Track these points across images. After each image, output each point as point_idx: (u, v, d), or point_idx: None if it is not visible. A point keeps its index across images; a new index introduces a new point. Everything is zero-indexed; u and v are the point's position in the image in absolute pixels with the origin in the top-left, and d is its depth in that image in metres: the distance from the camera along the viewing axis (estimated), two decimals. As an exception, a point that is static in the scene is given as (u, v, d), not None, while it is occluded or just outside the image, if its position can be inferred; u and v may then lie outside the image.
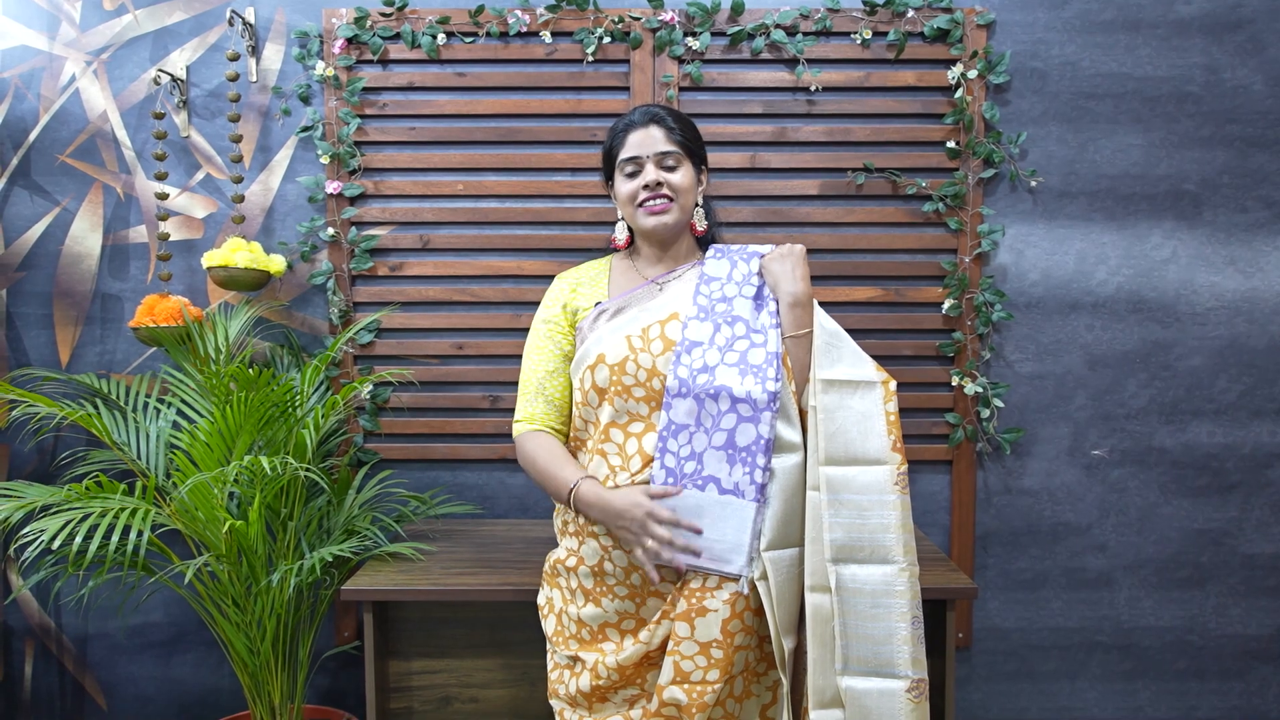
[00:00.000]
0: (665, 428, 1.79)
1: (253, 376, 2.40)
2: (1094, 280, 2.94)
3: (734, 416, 1.77)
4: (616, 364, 1.83)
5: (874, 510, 1.75)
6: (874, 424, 1.78)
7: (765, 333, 1.83)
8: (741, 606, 1.76)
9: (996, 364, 2.95)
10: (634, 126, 1.90)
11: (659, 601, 1.83)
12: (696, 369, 1.79)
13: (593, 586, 1.86)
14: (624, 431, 1.83)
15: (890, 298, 2.92)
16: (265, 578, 2.49)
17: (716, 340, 1.82)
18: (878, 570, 1.74)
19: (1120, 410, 2.96)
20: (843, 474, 1.76)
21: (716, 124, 2.89)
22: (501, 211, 2.93)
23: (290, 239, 2.94)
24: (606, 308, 1.90)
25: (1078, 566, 2.99)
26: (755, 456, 1.75)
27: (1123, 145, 2.91)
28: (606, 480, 1.84)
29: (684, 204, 1.91)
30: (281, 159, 2.93)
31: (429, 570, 2.43)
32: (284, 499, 2.59)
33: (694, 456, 1.78)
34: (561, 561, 1.93)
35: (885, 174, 2.90)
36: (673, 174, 1.90)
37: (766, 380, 1.77)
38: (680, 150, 1.90)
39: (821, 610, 1.75)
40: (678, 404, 1.79)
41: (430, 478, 2.99)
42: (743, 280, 1.89)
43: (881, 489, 1.76)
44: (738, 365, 1.79)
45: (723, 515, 1.76)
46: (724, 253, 1.96)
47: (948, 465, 2.97)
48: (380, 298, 2.94)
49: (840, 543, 1.74)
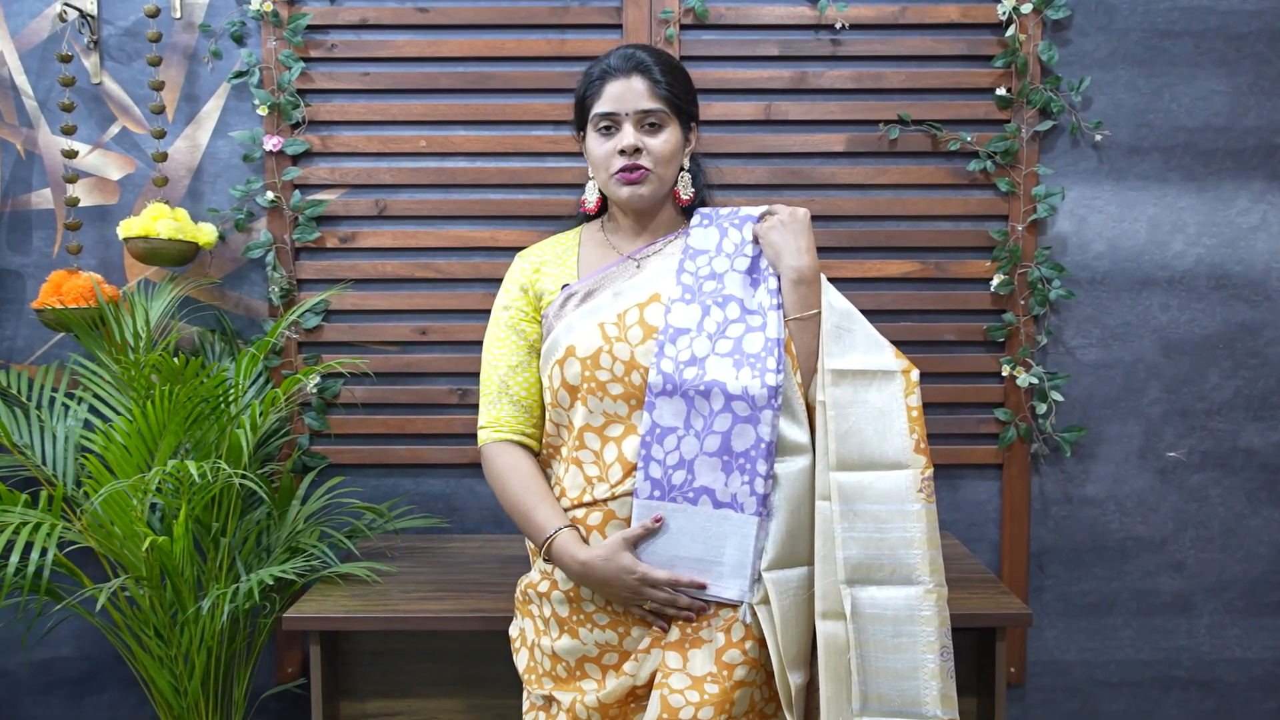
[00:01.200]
0: (649, 431, 1.79)
1: (178, 367, 2.41)
2: (1169, 252, 2.95)
3: (729, 416, 1.76)
4: (589, 357, 1.83)
5: (894, 522, 1.75)
6: (893, 421, 1.79)
7: (764, 314, 1.82)
8: (741, 635, 1.77)
9: (1055, 351, 2.96)
10: (612, 74, 1.87)
11: (645, 631, 1.83)
12: (683, 361, 1.78)
13: (568, 615, 1.87)
14: (601, 436, 1.83)
15: (929, 273, 2.93)
16: (194, 604, 2.49)
17: (705, 326, 1.81)
18: (900, 593, 1.75)
19: (1200, 405, 2.97)
20: (857, 480, 1.76)
21: (724, 68, 2.89)
22: (472, 172, 2.93)
23: (222, 205, 2.94)
24: (575, 290, 1.90)
25: (1151, 589, 3.01)
26: (755, 463, 1.75)
27: (1204, 92, 2.91)
28: (584, 494, 1.85)
29: (665, 174, 1.89)
30: (211, 110, 2.94)
31: (387, 594, 2.44)
32: (216, 511, 2.60)
33: (683, 465, 1.78)
34: (534, 586, 1.93)
35: (923, 127, 2.91)
36: (655, 137, 1.87)
37: (766, 372, 1.76)
38: (666, 108, 1.87)
39: (835, 641, 1.75)
40: (662, 403, 1.78)
41: (388, 486, 3.00)
42: (734, 251, 1.88)
43: (903, 497, 1.76)
44: (731, 355, 1.78)
45: (719, 533, 1.77)
46: (711, 219, 1.94)
47: (997, 470, 2.98)
48: (329, 274, 2.94)
49: (856, 561, 1.75)
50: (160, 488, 2.48)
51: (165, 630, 2.54)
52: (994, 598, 2.39)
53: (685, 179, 1.96)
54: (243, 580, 2.48)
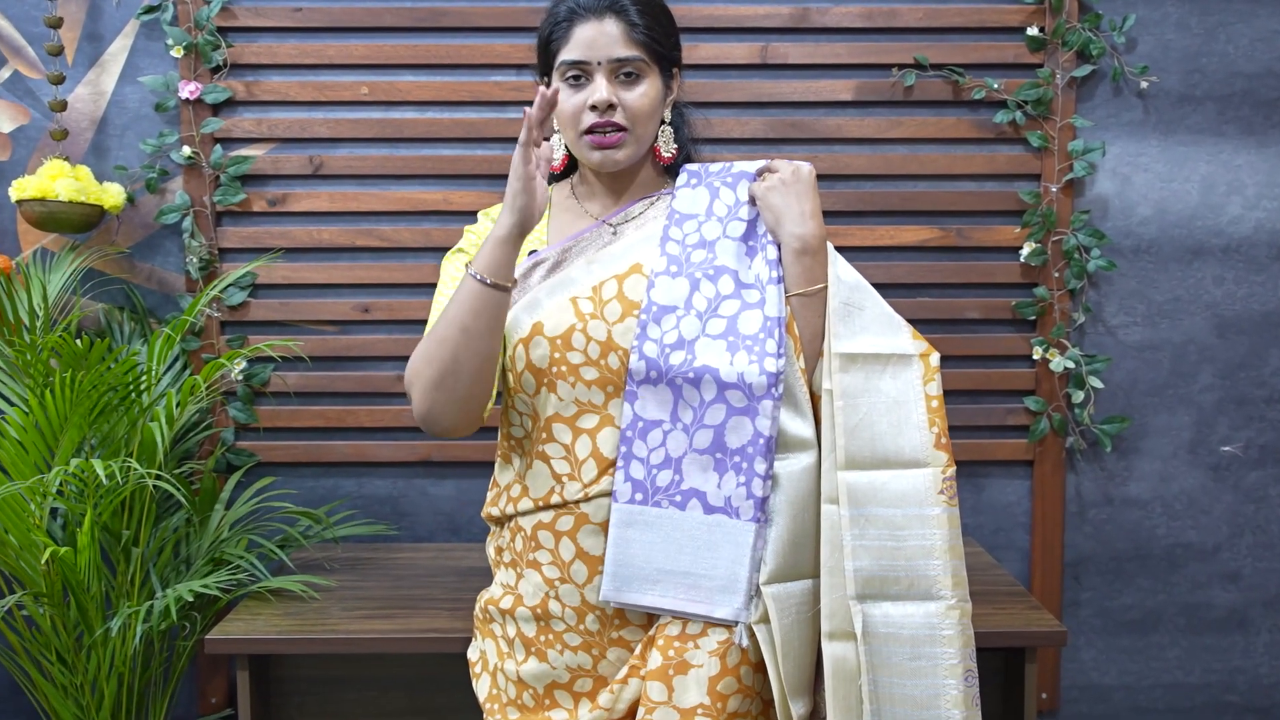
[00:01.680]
0: (630, 425, 1.78)
1: (81, 350, 2.40)
2: (1225, 216, 2.98)
3: (722, 408, 1.77)
4: (559, 336, 1.83)
5: (912, 528, 1.76)
6: (910, 412, 1.79)
7: (761, 289, 1.81)
8: (736, 660, 1.78)
9: (1093, 330, 2.99)
10: (581, 14, 1.84)
11: (623, 653, 1.84)
12: (669, 344, 1.78)
13: (535, 635, 1.88)
14: (572, 428, 1.84)
15: (951, 241, 2.95)
16: (101, 624, 2.50)
17: (695, 303, 1.80)
18: (918, 609, 1.76)
19: (1259, 392, 3.01)
20: (870, 480, 1.77)
21: (714, 3, 2.90)
22: (422, 124, 2.93)
23: (131, 162, 2.93)
24: (544, 258, 1.89)
25: (1202, 602, 3.05)
26: (753, 461, 1.75)
27: (1265, 32, 2.94)
28: (551, 494, 1.85)
29: (643, 133, 1.88)
30: (117, 52, 2.92)
31: (326, 612, 2.45)
32: (126, 517, 2.60)
33: (670, 463, 1.78)
34: (495, 602, 1.94)
35: (943, 72, 2.92)
36: (632, 90, 1.84)
37: (765, 357, 1.75)
38: (645, 55, 1.85)
39: (845, 665, 1.77)
40: (646, 393, 1.78)
41: (327, 487, 3.00)
42: (727, 214, 1.87)
43: (921, 499, 1.77)
44: (725, 336, 1.78)
45: (710, 542, 1.77)
46: (700, 177, 1.92)
47: (1027, 467, 3.01)
48: (256, 242, 2.94)
49: (868, 573, 1.75)
50: (62, 490, 2.47)
51: (69, 654, 2.54)
52: (1023, 613, 2.41)
53: (667, 134, 1.94)
54: (158, 597, 2.49)
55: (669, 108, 1.95)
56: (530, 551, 1.87)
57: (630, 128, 1.84)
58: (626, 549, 1.79)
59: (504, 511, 1.92)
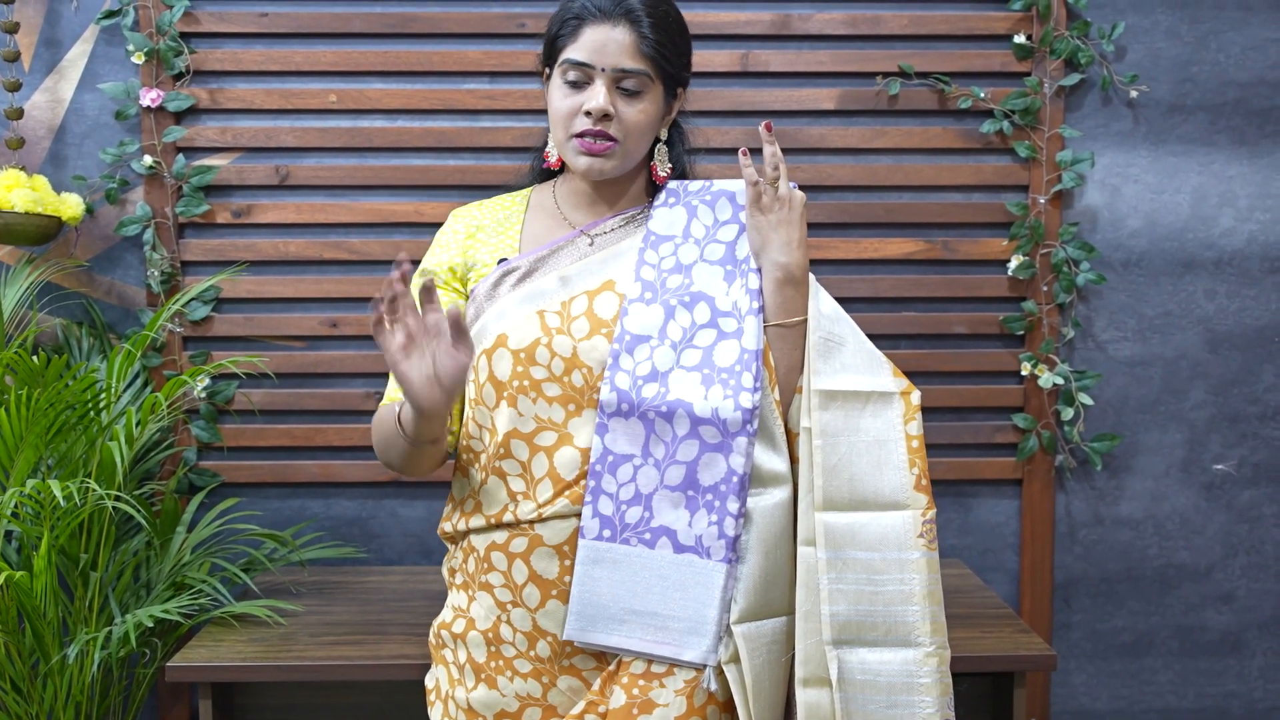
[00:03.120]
0: (599, 459, 1.78)
1: (38, 367, 2.39)
2: (1217, 228, 3.00)
3: (695, 444, 1.76)
4: (523, 349, 1.82)
5: (890, 573, 1.76)
6: (891, 453, 1.79)
7: (739, 318, 1.80)
8: (703, 701, 1.77)
9: (1083, 345, 3.01)
10: (594, 16, 1.83)
11: (574, 682, 1.84)
12: (641, 376, 1.77)
13: (486, 660, 1.87)
14: (529, 444, 1.83)
15: (936, 253, 2.96)
16: (58, 651, 2.48)
17: (669, 332, 1.80)
18: (895, 656, 1.76)
19: (1252, 409, 3.03)
20: (848, 522, 1.77)
21: (694, 9, 2.91)
22: (391, 133, 2.93)
23: (90, 171, 2.93)
24: (515, 267, 1.88)
25: (1195, 624, 3.06)
26: (726, 499, 1.75)
27: (1257, 40, 2.97)
28: (504, 511, 1.84)
29: (634, 148, 1.87)
30: (76, 57, 2.92)
31: (292, 638, 2.44)
32: (84, 540, 2.59)
33: (640, 499, 1.77)
34: (447, 626, 1.94)
35: (929, 80, 2.94)
36: (631, 104, 1.84)
37: (741, 391, 1.75)
38: (651, 71, 1.83)
39: (819, 711, 1.76)
40: (616, 426, 1.77)
41: (294, 509, 3.00)
42: (705, 236, 1.86)
43: (900, 543, 1.77)
44: (700, 369, 1.78)
45: (680, 582, 1.77)
46: (678, 196, 1.92)
47: (1016, 486, 3.03)
48: (220, 255, 2.94)
49: (845, 618, 1.75)
50: (17, 512, 2.47)
51: (24, 683, 2.53)
52: (1012, 636, 2.42)
53: (663, 152, 1.95)
54: (117, 622, 2.48)
55: (667, 125, 1.94)
56: (482, 573, 1.87)
57: (622, 141, 1.84)
58: (592, 587, 1.78)
59: (456, 528, 1.92)
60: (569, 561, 1.80)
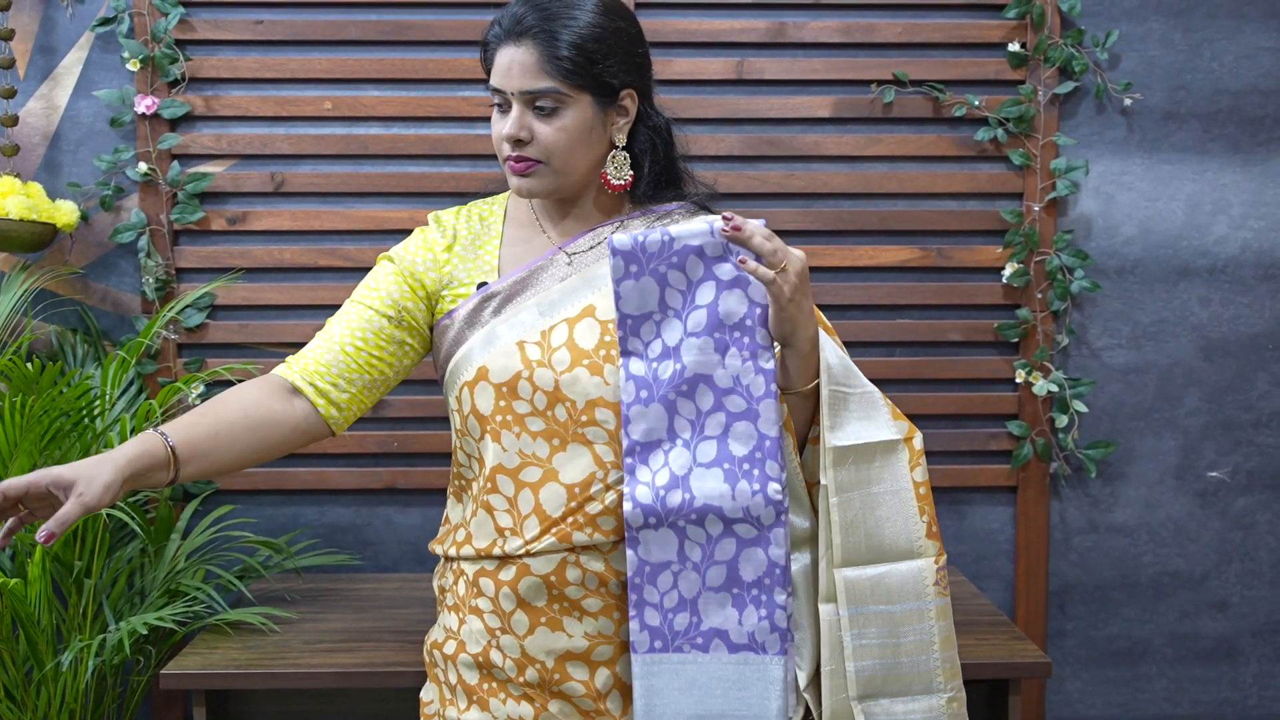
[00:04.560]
0: (636, 571, 1.73)
1: (33, 374, 2.39)
2: (1211, 236, 3.01)
3: (732, 541, 1.71)
4: (505, 384, 1.78)
5: (910, 624, 1.76)
6: (902, 503, 1.77)
7: (746, 396, 1.70)
8: None
9: (1077, 353, 3.01)
10: (501, 39, 1.77)
11: (566, 706, 1.82)
12: (662, 486, 1.71)
13: (477, 683, 1.86)
14: (515, 480, 1.80)
15: (930, 261, 2.97)
16: (52, 659, 2.48)
17: (677, 429, 1.72)
18: (919, 704, 1.76)
19: (1246, 416, 3.03)
20: (869, 577, 1.75)
21: (689, 17, 2.92)
22: (386, 140, 2.94)
23: (85, 178, 2.93)
24: (495, 292, 1.82)
25: (1189, 632, 3.06)
26: (772, 592, 1.71)
27: (1250, 49, 2.97)
28: (494, 545, 1.82)
29: (564, 165, 1.79)
30: (71, 64, 2.92)
31: (287, 645, 2.44)
32: (78, 548, 2.58)
33: (685, 605, 1.73)
34: (439, 647, 1.92)
35: (923, 88, 2.95)
36: (548, 123, 1.76)
37: (769, 483, 1.69)
38: (563, 87, 1.75)
39: None
40: (647, 537, 1.72)
41: (288, 516, 2.99)
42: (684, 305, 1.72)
43: (919, 593, 1.76)
44: (719, 464, 1.71)
45: (740, 681, 1.74)
46: (640, 264, 1.72)
47: (1010, 493, 3.03)
48: (215, 262, 2.94)
49: (870, 673, 1.75)
50: (11, 519, 2.46)
51: (18, 691, 2.52)
52: (1007, 644, 2.42)
53: (620, 159, 1.85)
54: (111, 630, 2.47)
55: (622, 131, 1.85)
56: (472, 597, 1.85)
57: (546, 160, 1.77)
58: (653, 700, 1.75)
59: (448, 553, 1.90)
60: (556, 591, 1.78)
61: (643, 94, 1.86)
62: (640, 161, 1.88)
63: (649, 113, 1.88)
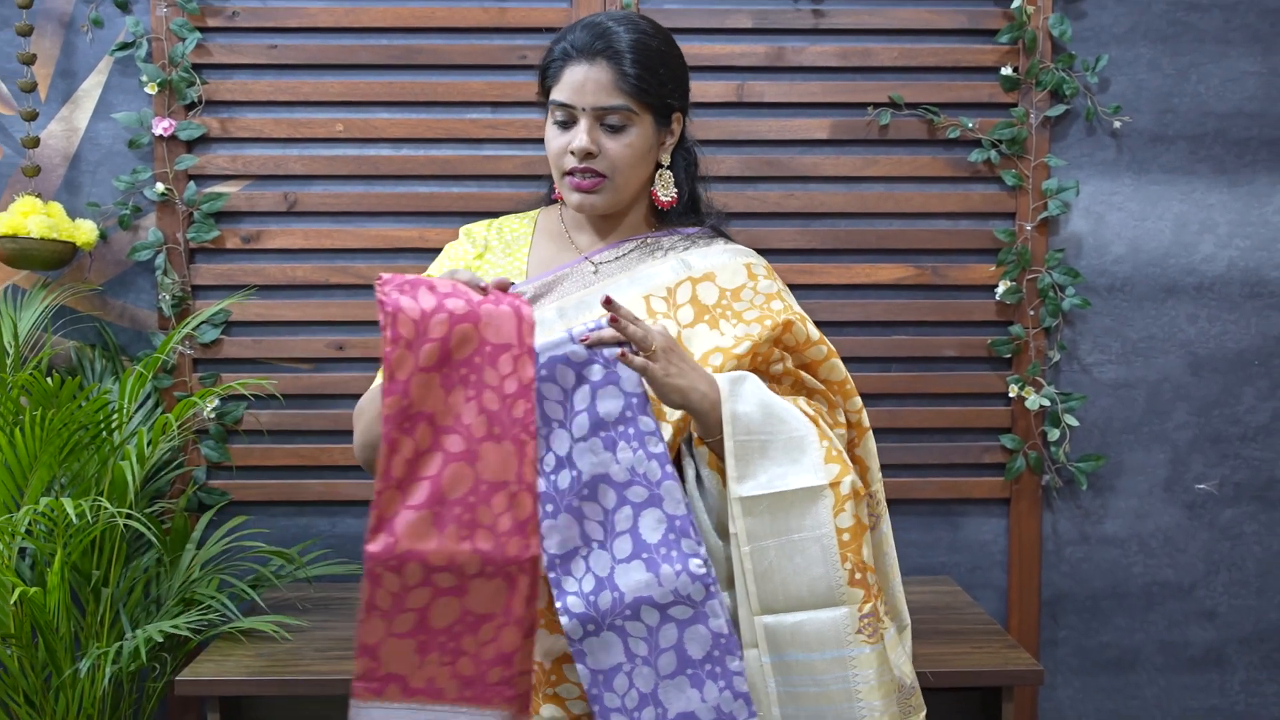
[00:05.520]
0: (591, 682, 1.67)
1: (52, 388, 2.40)
2: (1198, 255, 3.01)
3: (673, 626, 1.66)
4: None
5: (832, 671, 1.68)
6: (824, 549, 1.69)
7: (645, 483, 1.66)
8: None
9: (1069, 368, 3.02)
10: (573, 56, 1.81)
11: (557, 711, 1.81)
12: (589, 592, 1.66)
13: None
14: None
15: (925, 279, 2.97)
16: (70, 665, 2.48)
17: (590, 533, 1.68)
18: None
19: (1233, 429, 3.04)
20: (787, 625, 1.69)
21: (691, 42, 2.92)
22: (396, 161, 2.95)
23: (104, 198, 2.94)
24: (520, 292, 1.87)
25: (1179, 640, 3.07)
26: (724, 661, 1.65)
27: (1235, 73, 2.98)
28: None
29: (625, 181, 1.84)
30: (91, 88, 2.93)
31: (299, 653, 2.44)
32: (96, 557, 2.59)
33: (647, 700, 1.68)
34: None
35: (918, 111, 2.96)
36: (616, 140, 1.81)
37: (689, 559, 1.64)
38: (633, 105, 1.80)
39: None
40: (591, 646, 1.67)
41: (300, 526, 3.00)
42: (565, 415, 1.68)
43: (840, 640, 1.68)
44: (636, 556, 1.66)
45: None
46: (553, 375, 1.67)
47: (1004, 505, 3.03)
48: (230, 279, 2.95)
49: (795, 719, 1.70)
50: (31, 529, 2.47)
51: (37, 696, 2.52)
52: (1000, 652, 2.42)
53: (666, 177, 1.91)
54: (128, 637, 2.48)
55: (668, 152, 1.90)
56: None
57: (610, 175, 1.81)
58: None
59: None
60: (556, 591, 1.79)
61: (686, 118, 1.92)
62: (680, 182, 1.93)
63: (685, 136, 1.94)
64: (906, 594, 1.94)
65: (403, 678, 1.53)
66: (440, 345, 1.54)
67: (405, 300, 1.56)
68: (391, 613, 1.49)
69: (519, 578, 1.52)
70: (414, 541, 1.48)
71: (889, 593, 1.92)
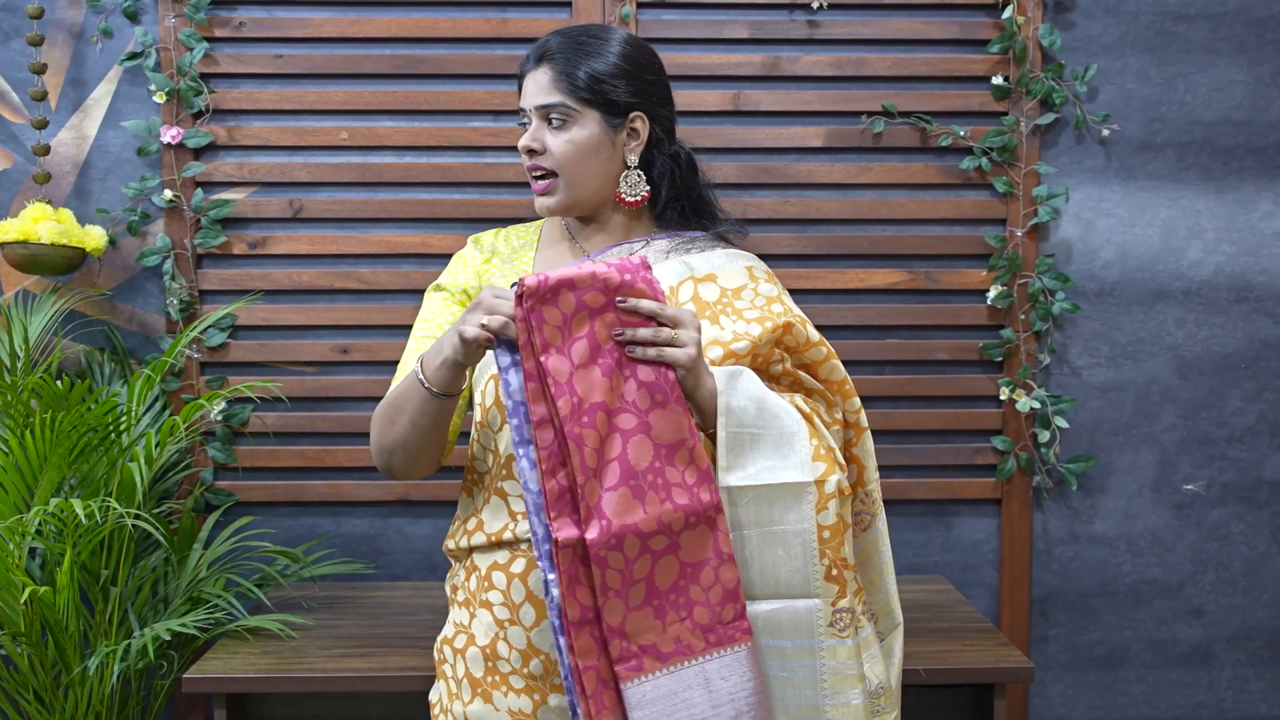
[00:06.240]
0: None
1: (62, 391, 2.40)
2: (1185, 260, 3.02)
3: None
4: None
5: (801, 660, 1.71)
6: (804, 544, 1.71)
7: None
8: None
9: (1059, 371, 3.02)
10: (526, 68, 1.91)
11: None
12: None
13: (483, 675, 1.87)
14: None
15: (918, 284, 2.98)
16: (79, 663, 2.48)
17: None
18: None
19: (1220, 431, 3.04)
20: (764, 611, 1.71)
21: (688, 52, 2.93)
22: (400, 169, 2.95)
23: (113, 205, 2.94)
24: None
25: (1167, 638, 3.07)
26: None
27: (1222, 82, 2.99)
28: (505, 530, 1.84)
29: (574, 178, 1.87)
30: (101, 96, 2.94)
31: (303, 651, 2.44)
32: (105, 557, 2.59)
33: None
34: (449, 641, 1.93)
35: (911, 119, 2.96)
36: (557, 135, 1.86)
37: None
38: (570, 101, 1.85)
39: None
40: None
41: (305, 527, 3.00)
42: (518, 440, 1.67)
43: (811, 630, 1.71)
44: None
45: None
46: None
47: (995, 505, 3.03)
48: (236, 284, 2.95)
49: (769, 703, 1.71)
50: (41, 530, 2.47)
51: (47, 694, 2.52)
52: (992, 649, 2.43)
53: (634, 179, 1.91)
54: (136, 636, 2.48)
55: (635, 152, 1.91)
56: (483, 591, 1.86)
57: (559, 173, 1.87)
58: None
59: (459, 545, 1.91)
60: None
61: (655, 119, 1.93)
62: (658, 185, 1.95)
63: (665, 140, 1.95)
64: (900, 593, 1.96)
65: (654, 646, 1.61)
66: (588, 340, 1.63)
67: (548, 310, 1.63)
68: (624, 589, 1.59)
69: (717, 518, 1.65)
70: (624, 517, 1.58)
71: (881, 590, 1.93)
